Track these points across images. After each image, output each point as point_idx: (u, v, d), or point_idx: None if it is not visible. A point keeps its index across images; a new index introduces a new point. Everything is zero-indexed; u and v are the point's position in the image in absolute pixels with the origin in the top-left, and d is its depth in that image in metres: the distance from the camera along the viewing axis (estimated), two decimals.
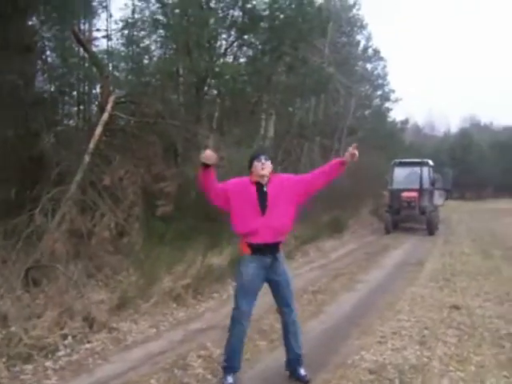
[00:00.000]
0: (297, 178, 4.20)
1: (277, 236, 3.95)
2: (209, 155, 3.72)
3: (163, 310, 6.05)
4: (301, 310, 6.30)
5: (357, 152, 3.96)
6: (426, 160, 17.99)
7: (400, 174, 17.63)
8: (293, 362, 4.10)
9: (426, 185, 16.98)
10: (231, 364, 3.97)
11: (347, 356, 4.68)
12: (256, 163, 3.97)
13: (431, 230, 15.85)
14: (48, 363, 4.27)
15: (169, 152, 10.28)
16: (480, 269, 9.43)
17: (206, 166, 3.76)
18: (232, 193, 3.94)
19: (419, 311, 6.35)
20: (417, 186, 16.57)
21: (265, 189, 3.96)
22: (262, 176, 3.96)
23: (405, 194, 16.43)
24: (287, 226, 4.04)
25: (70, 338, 4.77)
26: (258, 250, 3.90)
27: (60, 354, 4.48)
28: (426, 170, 17.32)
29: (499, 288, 7.71)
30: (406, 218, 16.87)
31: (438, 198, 17.92)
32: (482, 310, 6.38)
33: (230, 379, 3.90)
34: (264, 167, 3.95)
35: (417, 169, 17.21)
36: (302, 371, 4.06)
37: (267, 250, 3.92)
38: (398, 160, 18.31)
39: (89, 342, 4.85)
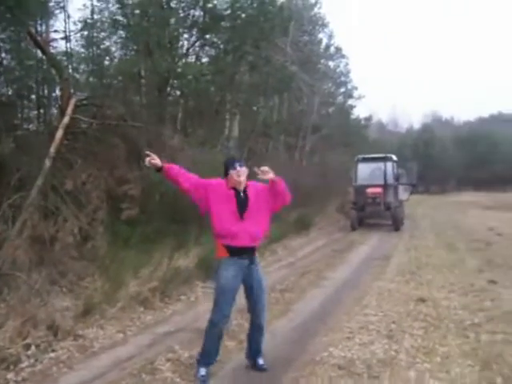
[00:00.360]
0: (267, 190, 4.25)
1: (254, 240, 4.09)
2: (150, 162, 4.05)
3: (130, 315, 5.96)
4: (269, 308, 6.30)
5: (266, 172, 4.01)
6: (389, 155, 17.83)
7: (364, 170, 17.48)
8: (253, 354, 4.34)
9: (391, 180, 16.83)
10: (205, 360, 4.14)
11: (316, 353, 4.72)
12: (231, 172, 4.06)
13: (397, 225, 15.83)
14: (10, 375, 4.13)
15: (132, 154, 10.14)
16: (445, 261, 9.64)
17: (158, 169, 4.07)
18: (213, 192, 4.06)
19: (386, 305, 6.44)
20: (381, 182, 16.48)
21: (242, 194, 4.08)
22: (240, 183, 4.07)
23: (369, 190, 16.30)
24: (264, 231, 4.21)
25: (33, 347, 4.64)
26: (236, 252, 4.02)
27: (23, 365, 4.35)
28: (389, 165, 17.13)
29: (463, 279, 7.89)
30: (371, 214, 16.85)
31: (403, 193, 17.82)
32: (448, 302, 6.52)
33: (202, 371, 4.07)
34: (240, 174, 4.05)
35: (381, 164, 17.06)
36: (261, 361, 4.31)
37: (244, 253, 4.05)
38: (361, 156, 18.12)
39: (53, 350, 4.72)
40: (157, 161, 4.04)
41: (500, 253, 10.41)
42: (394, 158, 17.87)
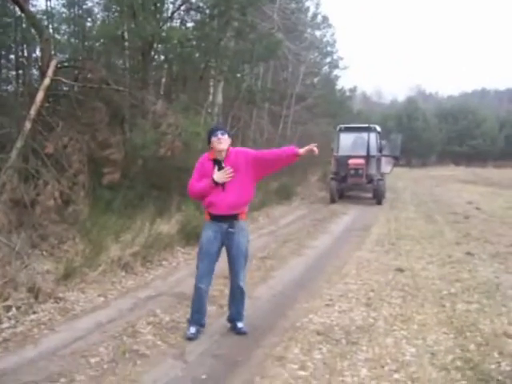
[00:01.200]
0: (254, 155, 4.29)
1: (232, 209, 4.17)
2: (223, 176, 4.11)
3: (111, 279, 5.97)
4: (249, 275, 6.34)
5: (316, 150, 4.16)
6: (372, 125, 17.23)
7: (346, 141, 16.88)
8: (233, 317, 4.45)
9: (374, 151, 16.14)
10: (194, 318, 4.32)
11: (296, 319, 4.79)
12: (213, 139, 4.17)
13: (379, 199, 15.40)
14: None
15: (115, 119, 10.02)
16: (424, 233, 9.79)
17: (216, 183, 4.11)
18: (202, 168, 4.25)
19: (365, 274, 6.54)
20: (364, 153, 15.81)
21: (223, 164, 4.15)
22: (220, 151, 4.16)
23: (352, 161, 15.68)
24: (244, 200, 4.26)
25: (14, 309, 4.63)
26: (215, 218, 4.22)
27: (3, 326, 4.35)
28: (373, 136, 16.45)
29: (441, 251, 8.04)
30: (352, 186, 16.35)
31: (386, 166, 17.19)
32: (425, 272, 6.65)
33: (192, 329, 4.28)
34: (221, 141, 4.15)
35: (364, 135, 16.38)
36: (240, 324, 4.42)
37: (223, 219, 4.20)
38: (343, 125, 17.47)
39: (34, 312, 4.72)
40: (226, 175, 4.17)
41: (477, 226, 10.61)
42: (378, 128, 17.31)
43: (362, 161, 15.67)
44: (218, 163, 4.18)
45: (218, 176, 4.10)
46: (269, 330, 4.50)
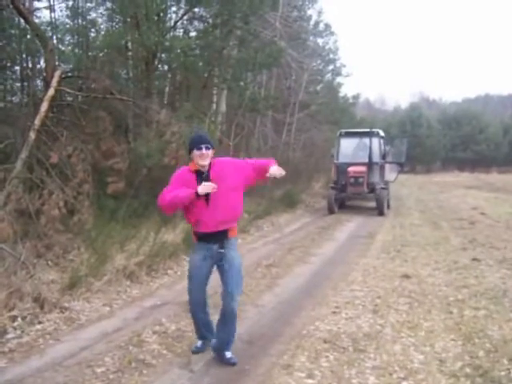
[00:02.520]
0: (241, 165, 4.00)
1: (220, 225, 3.82)
2: (208, 188, 3.65)
3: (117, 288, 5.97)
4: (255, 283, 6.39)
5: (281, 172, 3.80)
6: (375, 130, 15.94)
7: (347, 146, 15.73)
8: (220, 346, 3.99)
9: (376, 158, 15.06)
10: (198, 335, 4.20)
11: (302, 327, 4.78)
12: (195, 152, 3.80)
13: (381, 209, 14.12)
14: None
15: (119, 128, 10.05)
16: (429, 239, 9.74)
17: (198, 195, 3.68)
18: (180, 182, 3.84)
19: (372, 281, 6.51)
20: (365, 160, 14.64)
21: (204, 177, 3.79)
22: (202, 166, 3.81)
23: (352, 169, 14.55)
24: (233, 214, 3.92)
25: (19, 319, 4.64)
26: (203, 238, 3.88)
27: (9, 336, 4.35)
28: (376, 141, 15.33)
29: (447, 257, 8.00)
30: (352, 195, 15.24)
31: (390, 173, 16.23)
32: (432, 279, 6.61)
33: (198, 343, 4.18)
34: (203, 158, 3.79)
35: (365, 140, 15.22)
36: (229, 354, 3.96)
37: (211, 238, 3.84)
38: (344, 130, 16.34)
39: (40, 322, 4.73)
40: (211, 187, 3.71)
41: (483, 232, 10.56)
42: (381, 133, 16.16)
43: (362, 168, 14.60)
44: (201, 176, 3.80)
45: (202, 187, 3.64)
46: (275, 338, 4.48)
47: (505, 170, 44.03)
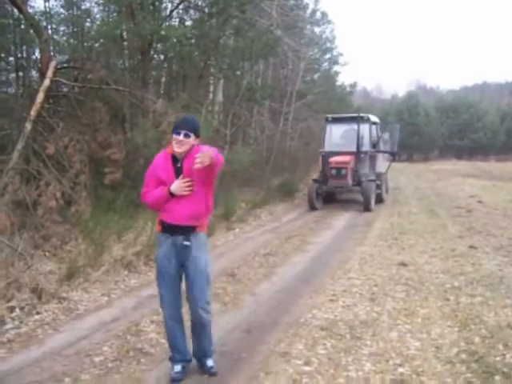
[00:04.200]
0: (222, 160, 3.51)
1: (190, 219, 3.44)
2: (181, 188, 3.38)
3: (115, 278, 5.99)
4: (253, 272, 6.42)
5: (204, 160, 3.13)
6: (365, 115, 14.14)
7: (334, 134, 14.38)
8: (199, 353, 3.65)
9: (367, 147, 13.59)
10: (176, 356, 3.58)
11: (299, 315, 4.80)
12: (173, 136, 3.43)
13: (367, 204, 12.48)
14: None
15: (116, 118, 10.03)
16: (426, 227, 9.77)
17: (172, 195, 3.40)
18: (158, 167, 3.53)
19: (369, 269, 6.54)
20: (353, 149, 13.18)
21: (179, 164, 3.46)
22: (178, 153, 3.45)
23: (333, 160, 13.03)
24: (206, 210, 3.53)
25: (17, 310, 4.66)
26: (168, 228, 3.47)
27: (8, 326, 4.37)
28: (365, 127, 13.76)
29: (445, 245, 8.03)
30: (334, 189, 13.54)
31: (382, 164, 14.67)
32: (429, 266, 6.64)
33: (177, 367, 3.55)
34: (179, 145, 3.41)
35: (354, 126, 13.42)
36: (210, 362, 3.62)
37: (178, 230, 3.44)
38: (330, 115, 14.78)
39: (38, 313, 4.74)
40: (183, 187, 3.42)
41: (480, 219, 10.59)
42: (373, 118, 14.60)
43: (346, 158, 13.03)
44: (175, 163, 3.46)
45: (176, 187, 3.37)
46: (273, 326, 4.50)
47: (502, 158, 44.08)
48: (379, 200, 13.61)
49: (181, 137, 3.39)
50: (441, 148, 52.41)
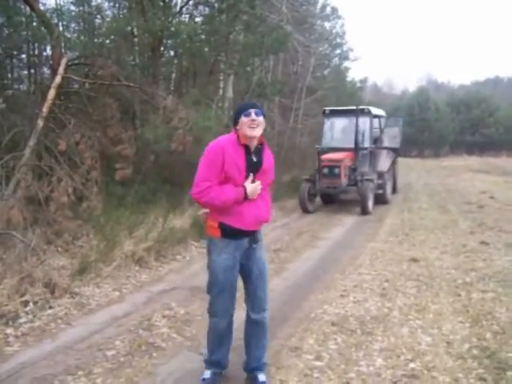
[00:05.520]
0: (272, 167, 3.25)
1: (259, 224, 3.17)
2: (255, 191, 3.01)
3: (126, 273, 6.03)
4: None
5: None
6: (365, 107, 13.26)
7: (332, 128, 13.44)
8: (253, 366, 3.34)
9: (366, 143, 12.59)
10: (210, 360, 3.36)
11: (310, 310, 4.81)
12: (244, 119, 2.95)
13: (364, 207, 11.37)
14: (9, 330, 4.20)
15: (126, 114, 10.07)
16: (437, 223, 9.73)
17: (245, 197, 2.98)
18: (227, 153, 2.95)
19: (379, 265, 6.54)
20: (351, 145, 12.12)
21: (254, 158, 3.03)
22: (251, 138, 2.98)
23: (326, 157, 11.96)
24: (268, 215, 3.21)
25: (31, 304, 4.69)
26: (234, 234, 3.06)
27: (21, 320, 4.42)
28: (365, 121, 12.66)
29: (455, 240, 8.00)
30: (326, 189, 12.13)
31: (385, 161, 13.43)
32: (440, 262, 6.62)
33: (206, 374, 3.33)
34: (254, 125, 2.94)
35: (353, 120, 12.22)
36: (262, 377, 3.30)
37: (243, 236, 3.10)
38: (328, 108, 13.76)
39: (51, 307, 4.79)
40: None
41: (492, 215, 10.53)
42: (375, 111, 13.62)
43: (339, 155, 11.94)
44: (250, 155, 3.02)
45: (252, 190, 2.97)
46: (284, 321, 4.51)
47: None
48: (382, 201, 12.73)
49: (253, 115, 2.93)
50: (452, 144, 51.95)
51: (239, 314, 3.45)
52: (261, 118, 2.97)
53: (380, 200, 12.57)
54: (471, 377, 3.40)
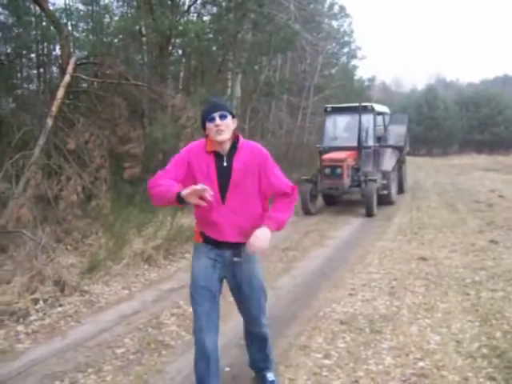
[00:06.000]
0: (272, 168, 2.86)
1: (242, 235, 2.79)
2: (192, 195, 2.53)
3: (135, 272, 6.06)
4: (272, 266, 6.43)
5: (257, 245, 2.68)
6: (369, 104, 12.85)
7: (334, 127, 12.82)
8: (259, 366, 3.23)
9: (370, 141, 12.08)
10: None
11: (319, 309, 4.80)
12: (209, 125, 2.70)
13: (368, 208, 10.85)
14: (20, 327, 4.25)
15: (135, 113, 10.11)
16: (446, 222, 9.67)
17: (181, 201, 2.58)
18: (194, 159, 2.75)
19: (388, 264, 6.52)
20: (353, 144, 11.62)
21: (225, 163, 2.74)
22: (220, 143, 2.72)
23: (327, 157, 11.50)
24: (258, 222, 2.78)
25: (41, 302, 4.74)
26: (214, 243, 2.85)
27: (32, 318, 4.46)
28: (368, 119, 12.23)
29: (464, 239, 7.95)
30: (328, 190, 11.59)
31: (390, 160, 12.85)
32: (449, 261, 6.59)
33: None
34: (220, 129, 2.67)
35: (356, 118, 11.80)
36: (270, 376, 3.18)
37: (226, 246, 2.83)
38: (330, 106, 13.34)
39: (61, 305, 4.83)
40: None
41: (501, 214, 10.44)
42: (379, 108, 13.28)
43: (342, 155, 11.41)
44: (221, 160, 2.74)
45: (188, 193, 2.50)
46: (292, 320, 4.51)
47: None
48: (387, 202, 12.18)
49: (217, 120, 2.66)
50: (460, 142, 51.68)
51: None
52: (227, 120, 2.70)
53: (384, 201, 12.08)
54: (481, 376, 3.39)
